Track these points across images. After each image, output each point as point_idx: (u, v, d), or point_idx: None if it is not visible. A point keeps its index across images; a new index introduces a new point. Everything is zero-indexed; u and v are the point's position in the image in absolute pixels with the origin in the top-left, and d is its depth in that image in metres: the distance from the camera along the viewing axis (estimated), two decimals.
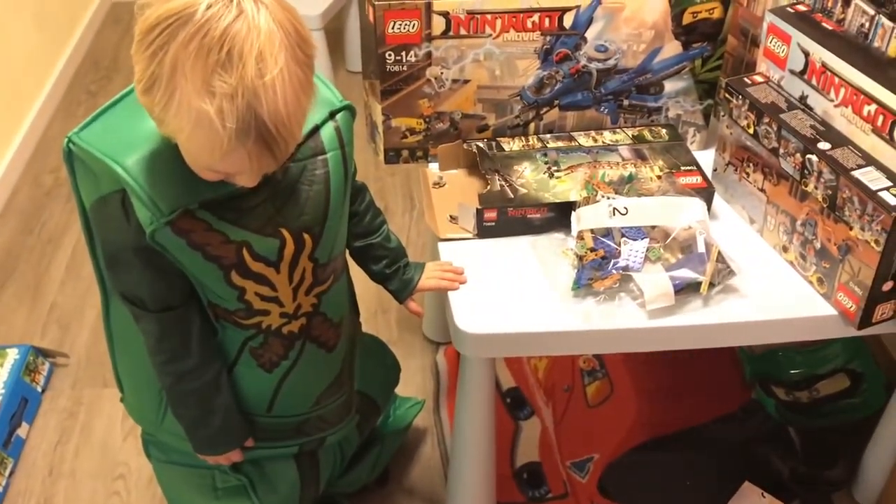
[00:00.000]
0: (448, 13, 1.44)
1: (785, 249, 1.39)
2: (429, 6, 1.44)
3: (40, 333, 2.08)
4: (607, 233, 1.35)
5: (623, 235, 1.34)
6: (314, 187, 1.12)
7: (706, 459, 1.75)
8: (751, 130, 1.39)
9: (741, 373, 1.94)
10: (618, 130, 1.59)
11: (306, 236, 1.13)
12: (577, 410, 1.89)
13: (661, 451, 1.78)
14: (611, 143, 1.55)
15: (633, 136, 1.57)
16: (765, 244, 1.43)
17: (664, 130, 1.59)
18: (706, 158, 1.55)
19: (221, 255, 1.07)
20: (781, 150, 1.33)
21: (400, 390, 1.93)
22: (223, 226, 1.05)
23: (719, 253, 1.33)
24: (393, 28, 1.45)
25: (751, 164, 1.42)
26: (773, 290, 1.34)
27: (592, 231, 1.35)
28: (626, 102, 1.59)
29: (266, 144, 0.92)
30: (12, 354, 1.92)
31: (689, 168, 1.49)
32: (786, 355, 1.92)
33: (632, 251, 1.33)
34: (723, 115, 1.46)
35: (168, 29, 0.88)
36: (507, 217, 1.42)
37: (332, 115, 1.14)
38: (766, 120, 1.35)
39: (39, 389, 1.93)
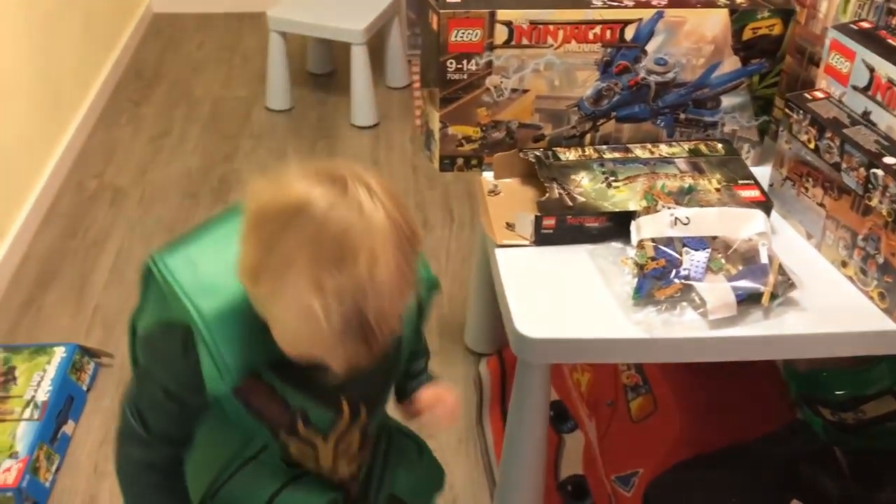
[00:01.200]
0: (511, 23, 1.46)
1: (844, 264, 1.39)
2: (492, 15, 1.46)
3: (84, 334, 2.10)
4: (668, 242, 1.35)
5: (684, 245, 1.34)
6: (386, 358, 1.02)
7: (752, 477, 1.74)
8: (811, 145, 1.39)
9: (786, 391, 1.93)
10: (674, 144, 1.60)
11: (363, 408, 1.08)
12: (621, 425, 1.88)
13: (706, 467, 1.77)
14: (667, 155, 1.56)
15: (689, 149, 1.58)
16: (822, 259, 1.43)
17: (720, 145, 1.59)
18: (761, 174, 1.55)
19: (275, 418, 1.03)
20: (844, 165, 1.33)
21: None
22: (286, 390, 1.01)
23: (780, 265, 1.33)
24: (456, 36, 1.47)
25: (810, 179, 1.42)
26: (833, 303, 1.34)
27: (653, 240, 1.36)
28: (682, 116, 1.60)
29: (366, 341, 0.89)
30: (59, 353, 1.94)
31: (746, 182, 1.49)
32: (831, 375, 1.91)
33: (693, 261, 1.33)
34: (782, 131, 1.47)
35: (284, 222, 0.86)
36: (565, 225, 1.43)
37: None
38: (829, 135, 1.35)
39: (85, 388, 1.95)
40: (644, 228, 1.38)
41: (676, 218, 1.37)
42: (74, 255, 2.36)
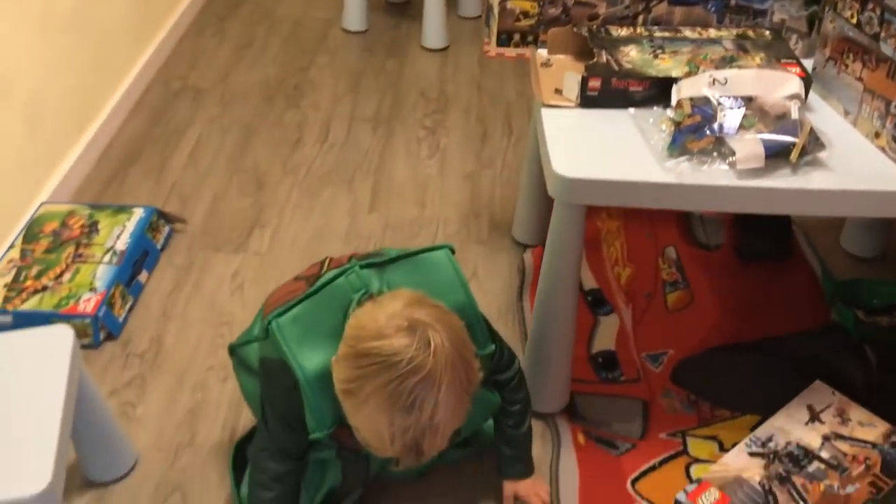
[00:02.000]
0: None
1: (877, 135, 1.44)
2: None
3: (162, 204, 2.26)
4: (705, 101, 1.43)
5: (720, 104, 1.42)
6: None
7: (780, 364, 1.79)
8: (854, 20, 1.45)
9: (821, 295, 1.98)
10: (722, 28, 1.67)
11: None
12: (656, 314, 1.96)
13: (736, 352, 1.84)
14: (714, 37, 1.63)
15: (736, 34, 1.64)
16: (857, 134, 1.49)
17: (767, 32, 1.65)
18: (805, 64, 1.60)
19: (353, 447, 1.26)
20: (883, 34, 1.38)
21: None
22: None
23: (812, 127, 1.39)
24: None
25: (850, 55, 1.48)
26: (861, 167, 1.40)
27: (691, 99, 1.44)
28: (732, 2, 1.66)
29: (417, 457, 1.15)
30: (138, 213, 2.10)
31: (789, 60, 1.55)
32: (870, 285, 1.95)
33: (727, 118, 1.40)
34: (827, 11, 1.52)
35: (374, 366, 1.10)
36: (610, 87, 1.51)
37: None
38: (870, 6, 1.40)
39: (159, 247, 2.11)
40: (684, 89, 1.46)
41: (715, 79, 1.44)
42: (157, 140, 2.53)
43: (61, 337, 1.39)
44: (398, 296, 1.18)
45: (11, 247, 2.00)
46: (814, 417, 1.63)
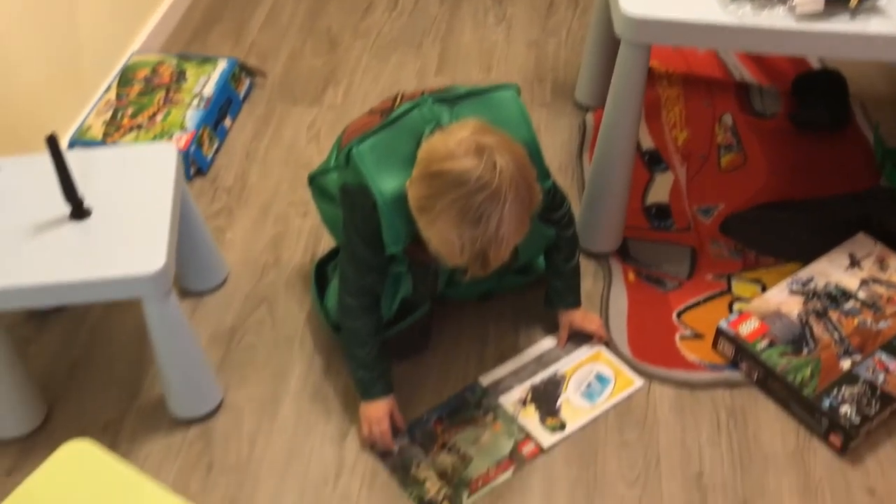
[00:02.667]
0: None
1: None
2: None
3: (243, 59, 2.39)
4: None
5: None
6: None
7: (825, 220, 1.88)
8: None
9: (873, 163, 2.05)
10: None
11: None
12: (710, 173, 2.05)
13: (784, 209, 1.93)
14: None
15: None
16: None
17: None
18: None
19: (425, 261, 1.41)
20: None
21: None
22: None
23: None
24: None
25: None
26: None
27: None
28: None
29: (483, 267, 1.27)
30: (222, 64, 2.24)
31: None
32: None
33: None
34: None
35: (446, 184, 1.23)
36: None
37: None
38: None
39: (241, 97, 2.25)
40: None
41: None
42: (235, 4, 2.65)
43: (166, 151, 1.55)
44: (466, 124, 1.29)
45: (108, 89, 2.16)
46: (854, 263, 1.73)
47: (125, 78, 2.19)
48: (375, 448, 1.49)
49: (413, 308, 1.59)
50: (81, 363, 1.66)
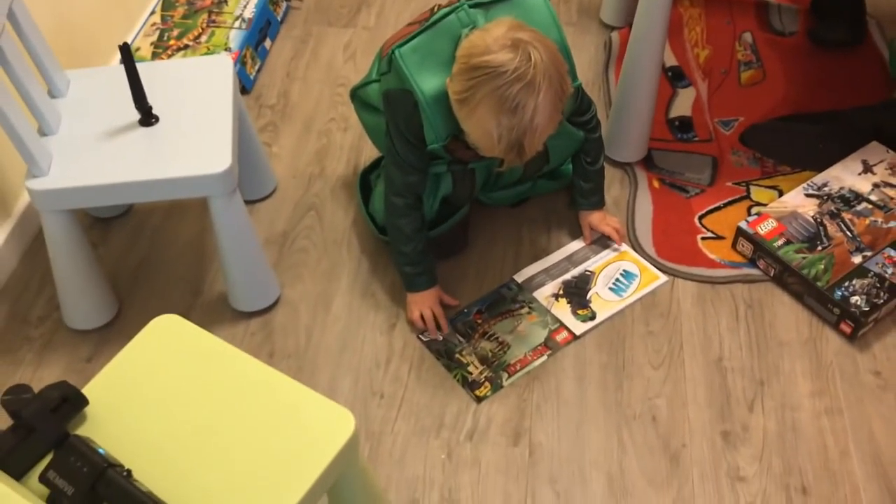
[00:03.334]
0: None
1: None
2: None
3: None
4: None
5: None
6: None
7: (841, 131, 1.98)
8: None
9: (888, 77, 2.14)
10: None
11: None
12: (730, 88, 2.15)
13: (801, 120, 2.03)
14: None
15: None
16: None
17: None
18: None
19: (465, 157, 1.54)
20: None
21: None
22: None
23: None
24: None
25: None
26: None
27: None
28: None
29: (519, 156, 1.37)
30: None
31: None
32: None
33: None
34: None
35: (484, 76, 1.32)
36: None
37: None
38: None
39: (279, 19, 2.34)
40: None
41: None
42: None
43: (222, 62, 1.65)
44: (501, 22, 1.38)
45: (153, 13, 2.26)
46: (867, 169, 1.84)
47: (168, 2, 2.28)
48: (425, 330, 1.63)
49: (453, 210, 1.70)
50: (145, 265, 1.79)
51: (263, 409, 1.13)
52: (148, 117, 1.54)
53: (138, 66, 1.69)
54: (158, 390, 1.15)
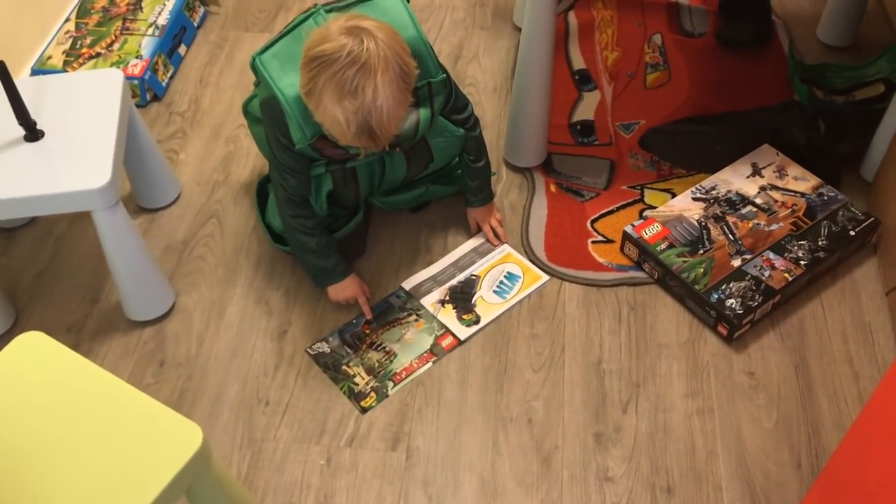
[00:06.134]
0: None
1: None
2: None
3: None
4: None
5: None
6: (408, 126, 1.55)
7: (737, 133, 2.03)
8: None
9: (786, 76, 2.18)
10: None
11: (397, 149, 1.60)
12: (635, 90, 2.18)
13: (700, 123, 2.08)
14: None
15: None
16: None
17: None
18: None
19: (336, 157, 1.57)
20: None
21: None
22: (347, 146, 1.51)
23: None
24: None
25: None
26: None
27: None
28: None
29: (373, 139, 1.39)
30: None
31: None
32: (835, 68, 2.14)
33: None
34: None
35: (322, 64, 1.35)
36: None
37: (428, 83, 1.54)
38: None
39: (195, 24, 2.37)
40: None
41: None
42: None
43: (112, 76, 1.68)
44: (341, 16, 1.42)
45: (67, 20, 2.27)
46: (755, 172, 1.88)
47: (84, 8, 2.30)
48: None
49: (348, 216, 1.74)
50: (46, 274, 1.82)
51: (114, 424, 1.17)
52: (33, 132, 1.56)
53: (32, 78, 1.72)
54: (13, 406, 1.19)
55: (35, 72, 2.15)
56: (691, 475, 1.49)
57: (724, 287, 1.67)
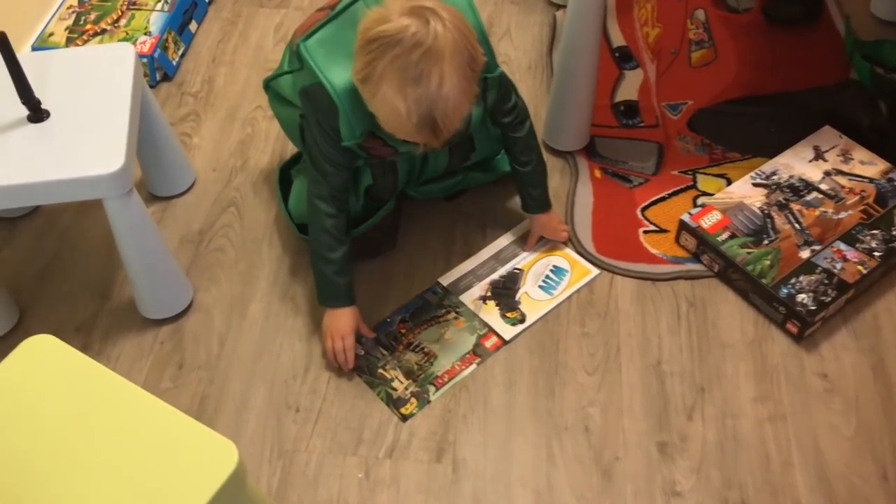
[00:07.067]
0: None
1: None
2: None
3: None
4: None
5: None
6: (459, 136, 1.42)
7: (793, 114, 1.89)
8: None
9: (844, 56, 2.04)
10: None
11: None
12: (680, 69, 2.04)
13: (752, 103, 1.93)
14: None
15: None
16: None
17: None
18: None
19: (382, 154, 1.43)
20: None
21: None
22: (395, 142, 1.36)
23: None
24: None
25: None
26: None
27: None
28: None
29: (435, 133, 1.23)
30: None
31: None
32: (893, 45, 2.00)
33: None
34: None
35: (382, 46, 1.19)
36: None
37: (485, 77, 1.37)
38: None
39: (207, 1, 2.21)
40: None
41: None
42: None
43: (123, 51, 1.53)
44: None
45: None
46: (818, 156, 1.74)
47: None
48: (337, 359, 1.49)
49: (378, 207, 1.60)
50: (52, 267, 1.68)
51: (139, 442, 1.02)
52: (37, 113, 1.41)
53: (36, 54, 1.57)
54: (27, 419, 1.04)
55: (36, 49, 2.00)
56: (767, 489, 1.35)
57: (793, 281, 1.53)
